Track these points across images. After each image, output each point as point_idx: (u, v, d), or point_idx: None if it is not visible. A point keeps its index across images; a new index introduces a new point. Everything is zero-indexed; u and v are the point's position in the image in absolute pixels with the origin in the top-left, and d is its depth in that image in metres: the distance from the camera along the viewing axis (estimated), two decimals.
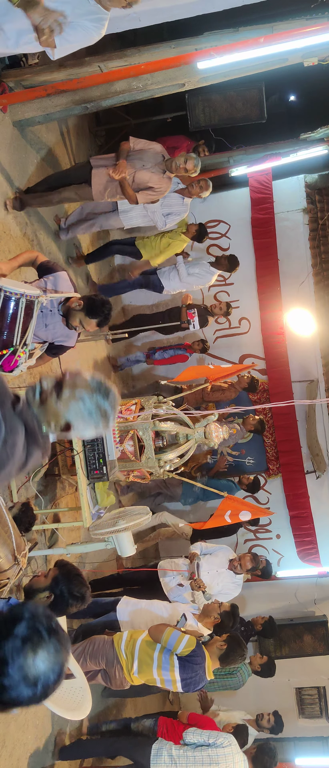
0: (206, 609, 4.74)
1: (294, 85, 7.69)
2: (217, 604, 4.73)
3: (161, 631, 4.17)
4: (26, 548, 2.61)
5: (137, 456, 4.46)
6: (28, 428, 1.88)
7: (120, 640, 4.38)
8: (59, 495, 5.04)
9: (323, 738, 7.73)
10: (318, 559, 7.70)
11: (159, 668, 4.17)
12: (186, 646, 4.08)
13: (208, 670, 4.20)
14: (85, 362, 6.29)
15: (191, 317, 6.54)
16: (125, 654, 4.29)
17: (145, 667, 4.22)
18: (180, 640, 4.10)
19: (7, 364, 3.30)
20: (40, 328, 3.77)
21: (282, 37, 4.55)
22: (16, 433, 1.84)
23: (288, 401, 6.22)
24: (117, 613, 4.81)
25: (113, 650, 4.35)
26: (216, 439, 4.60)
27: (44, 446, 1.94)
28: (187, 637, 4.12)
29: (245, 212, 7.62)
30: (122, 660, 4.30)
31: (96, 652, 4.40)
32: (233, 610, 4.75)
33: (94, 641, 4.49)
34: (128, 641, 4.35)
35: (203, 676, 4.18)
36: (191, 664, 4.10)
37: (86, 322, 3.73)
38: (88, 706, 3.67)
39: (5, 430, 1.80)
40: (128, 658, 4.28)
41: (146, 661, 4.22)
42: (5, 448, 1.81)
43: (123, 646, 4.32)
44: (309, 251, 7.65)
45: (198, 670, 4.13)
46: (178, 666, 4.11)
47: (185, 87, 5.24)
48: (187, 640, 4.10)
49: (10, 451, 1.82)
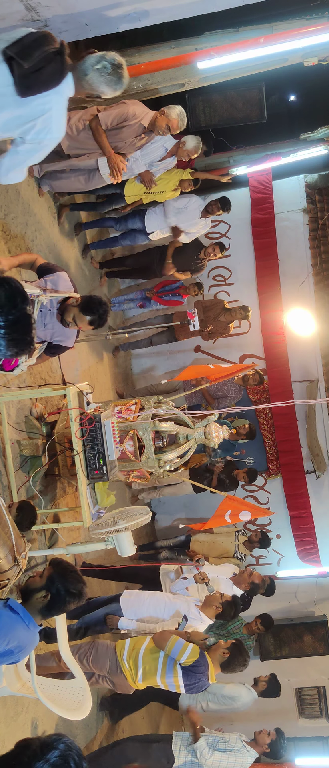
0: (209, 599, 4.83)
1: (294, 85, 7.67)
2: (219, 595, 4.83)
3: (166, 638, 4.21)
4: (26, 549, 2.60)
5: (137, 456, 4.45)
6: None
7: (123, 651, 4.41)
8: (59, 495, 5.04)
9: (323, 738, 7.74)
10: (318, 559, 7.70)
11: (163, 676, 4.25)
12: (190, 657, 4.14)
13: (211, 676, 4.28)
14: (85, 362, 6.29)
15: (191, 317, 6.53)
16: (128, 665, 4.36)
17: (149, 675, 4.31)
18: (184, 649, 4.15)
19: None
20: (39, 328, 3.77)
21: (282, 37, 4.56)
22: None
23: (288, 401, 6.23)
24: (121, 603, 4.83)
25: (116, 660, 4.40)
26: (216, 439, 4.59)
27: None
28: (190, 647, 4.17)
29: (246, 212, 7.62)
30: (126, 671, 4.37)
31: (98, 658, 4.45)
32: (234, 600, 4.83)
33: (96, 645, 4.51)
34: (130, 651, 4.38)
35: (206, 681, 4.25)
36: (194, 673, 4.19)
37: (79, 318, 3.74)
38: (88, 705, 3.68)
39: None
40: (132, 667, 4.35)
41: (150, 670, 4.29)
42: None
43: (126, 657, 4.37)
44: (309, 251, 7.65)
45: (201, 677, 4.22)
46: (181, 674, 4.19)
47: (185, 87, 5.24)
48: (191, 651, 4.15)
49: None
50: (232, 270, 7.81)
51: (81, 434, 4.03)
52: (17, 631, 2.17)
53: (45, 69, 2.64)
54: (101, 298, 3.85)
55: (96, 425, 4.05)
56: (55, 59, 2.70)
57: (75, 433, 4.01)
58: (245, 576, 5.59)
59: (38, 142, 2.80)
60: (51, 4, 3.92)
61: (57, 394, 4.58)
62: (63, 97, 2.83)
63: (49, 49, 2.67)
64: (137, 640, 4.49)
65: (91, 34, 4.37)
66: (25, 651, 2.28)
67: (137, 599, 4.90)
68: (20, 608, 2.26)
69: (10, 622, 2.15)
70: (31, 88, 2.62)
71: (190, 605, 4.80)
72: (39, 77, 2.62)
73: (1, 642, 2.08)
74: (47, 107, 2.72)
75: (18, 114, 2.68)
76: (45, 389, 4.30)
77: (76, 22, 4.18)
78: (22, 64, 2.55)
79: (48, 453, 4.44)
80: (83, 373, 6.13)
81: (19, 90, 2.60)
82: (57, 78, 2.72)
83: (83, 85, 2.91)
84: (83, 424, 4.02)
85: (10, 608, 2.22)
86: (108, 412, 4.20)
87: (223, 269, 7.83)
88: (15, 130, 2.76)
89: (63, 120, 2.89)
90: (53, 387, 4.31)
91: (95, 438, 4.06)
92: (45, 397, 4.67)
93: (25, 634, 2.22)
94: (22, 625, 2.22)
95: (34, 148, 2.82)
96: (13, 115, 2.68)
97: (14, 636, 2.14)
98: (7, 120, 2.68)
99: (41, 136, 2.77)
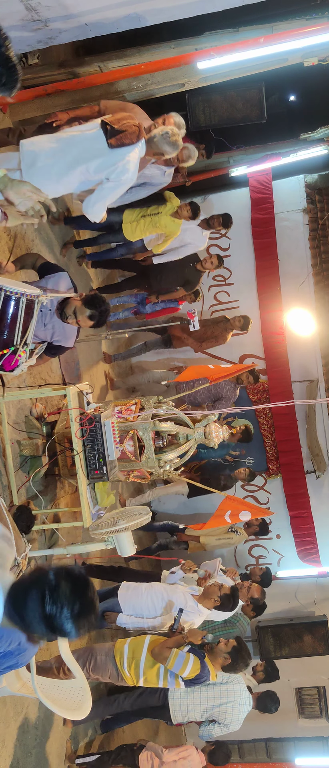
0: (207, 591, 4.79)
1: (294, 85, 7.67)
2: (217, 587, 4.77)
3: (166, 655, 4.19)
4: (26, 549, 2.60)
5: (137, 456, 4.45)
6: None
7: (122, 659, 4.41)
8: (59, 495, 5.04)
9: (323, 738, 7.73)
10: (318, 559, 7.70)
11: (165, 681, 4.32)
12: (192, 671, 4.16)
13: (212, 677, 4.34)
14: (85, 362, 6.29)
15: (191, 317, 6.52)
16: (129, 674, 4.37)
17: (150, 682, 4.36)
18: (186, 664, 4.15)
19: (7, 364, 3.31)
20: (38, 328, 3.78)
21: (282, 37, 4.56)
22: None
23: (288, 401, 6.24)
24: (118, 597, 4.84)
25: (116, 670, 4.42)
26: (216, 439, 4.59)
27: None
28: (192, 661, 4.17)
29: (246, 212, 7.62)
30: (127, 679, 4.40)
31: (98, 668, 4.47)
32: (233, 592, 4.80)
33: (95, 654, 4.52)
34: (130, 660, 4.39)
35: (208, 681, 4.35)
36: (196, 683, 4.29)
37: (80, 311, 3.74)
38: (88, 705, 3.67)
39: None
40: (133, 676, 4.37)
41: (152, 679, 4.32)
42: None
43: (126, 666, 4.38)
44: (309, 251, 7.65)
45: (203, 683, 4.35)
46: (183, 684, 4.27)
47: (185, 87, 5.23)
48: (192, 666, 4.16)
49: None
50: (232, 270, 7.80)
51: (81, 434, 4.03)
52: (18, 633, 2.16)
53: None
54: (105, 299, 3.87)
55: (96, 425, 4.05)
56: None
57: (75, 433, 4.01)
58: (244, 591, 5.51)
59: (118, 181, 3.89)
60: (51, 4, 3.92)
61: (57, 394, 4.58)
62: (137, 154, 3.95)
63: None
64: (135, 645, 4.46)
65: (91, 34, 4.37)
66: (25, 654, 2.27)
67: (134, 593, 4.89)
68: None
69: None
70: (117, 143, 3.81)
71: (187, 597, 4.77)
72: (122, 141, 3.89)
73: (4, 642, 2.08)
74: (126, 155, 3.84)
75: (108, 159, 3.82)
76: (45, 389, 4.30)
77: (77, 22, 4.18)
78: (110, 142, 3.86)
79: (48, 453, 4.44)
80: (83, 373, 6.13)
81: (108, 143, 3.79)
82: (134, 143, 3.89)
83: (152, 146, 4.07)
84: (82, 424, 4.02)
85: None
86: (108, 412, 4.20)
87: (223, 269, 7.81)
88: (103, 171, 3.85)
89: (136, 169, 3.96)
90: (53, 387, 4.31)
91: (95, 438, 4.06)
92: (45, 397, 4.67)
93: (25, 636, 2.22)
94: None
95: (115, 185, 3.93)
96: (104, 160, 3.82)
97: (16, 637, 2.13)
98: (101, 163, 3.83)
99: (120, 176, 3.87)
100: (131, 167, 3.88)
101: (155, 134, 4.04)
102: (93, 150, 3.80)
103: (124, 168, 3.83)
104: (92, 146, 3.80)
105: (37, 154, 3.73)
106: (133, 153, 3.88)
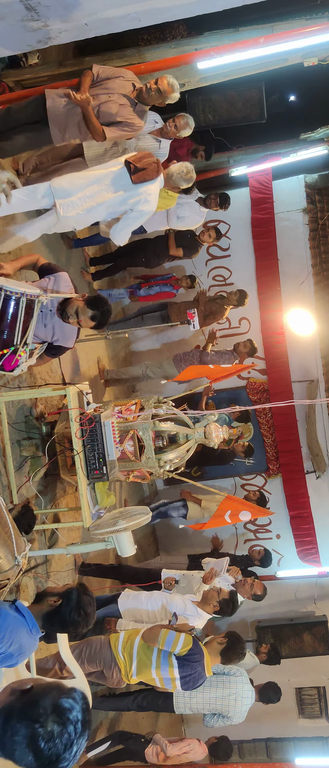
0: (206, 596, 4.81)
1: (294, 85, 7.67)
2: (216, 592, 4.78)
3: (156, 633, 4.19)
4: (26, 549, 2.60)
5: (137, 456, 4.45)
6: None
7: (117, 642, 4.38)
8: (59, 495, 5.04)
9: (323, 738, 7.73)
10: (318, 559, 7.70)
11: (158, 668, 4.22)
12: (184, 646, 4.13)
13: (207, 667, 4.25)
14: (85, 362, 6.29)
15: (191, 317, 6.51)
16: (123, 656, 4.32)
17: (144, 668, 4.27)
18: (177, 640, 4.14)
19: (7, 364, 3.31)
20: (39, 328, 3.78)
21: (282, 37, 4.55)
22: None
23: (288, 401, 6.22)
24: (119, 605, 4.83)
25: (110, 652, 4.37)
26: (216, 439, 4.60)
27: None
28: (183, 636, 4.16)
29: (245, 212, 7.62)
30: (120, 662, 4.33)
31: (94, 656, 4.42)
32: (232, 596, 4.81)
33: (90, 644, 4.49)
34: (125, 642, 4.36)
35: (203, 672, 4.22)
36: (189, 663, 4.16)
37: (82, 311, 3.75)
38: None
39: None
40: (127, 660, 4.31)
41: (145, 662, 4.26)
42: None
43: (120, 648, 4.34)
44: (309, 251, 7.65)
45: (197, 666, 4.19)
46: (177, 665, 4.17)
47: (185, 87, 5.23)
48: (184, 640, 4.14)
49: None
50: (232, 270, 7.81)
51: (81, 434, 4.03)
52: (20, 635, 2.16)
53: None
54: (107, 300, 3.89)
55: (96, 425, 4.05)
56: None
57: (75, 433, 4.02)
58: (246, 588, 5.54)
59: (140, 212, 4.38)
60: (51, 4, 3.91)
61: (57, 394, 4.58)
62: (157, 187, 4.41)
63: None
64: (131, 632, 4.48)
65: (91, 34, 4.36)
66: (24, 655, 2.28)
67: (134, 601, 4.90)
68: (26, 611, 2.26)
69: (14, 623, 2.15)
70: (139, 180, 4.25)
71: (187, 603, 4.79)
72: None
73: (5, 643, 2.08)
74: (147, 189, 4.28)
75: (132, 193, 4.29)
76: (45, 389, 4.30)
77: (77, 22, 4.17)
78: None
79: (48, 453, 4.44)
80: (83, 373, 6.13)
81: (132, 179, 4.23)
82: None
83: (169, 181, 4.56)
84: (82, 424, 4.03)
85: (16, 609, 2.22)
86: (108, 412, 4.20)
87: (223, 269, 7.83)
88: (128, 203, 4.33)
89: (156, 200, 4.42)
90: (53, 387, 4.31)
91: (94, 438, 4.06)
92: (45, 397, 4.67)
93: (26, 638, 2.22)
94: (26, 629, 2.22)
95: (138, 215, 4.42)
96: (128, 194, 4.29)
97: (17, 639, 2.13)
98: (125, 197, 4.30)
99: (142, 207, 4.34)
100: (152, 199, 4.39)
101: (172, 172, 4.53)
102: (119, 185, 4.28)
103: (145, 200, 4.31)
104: (117, 182, 4.27)
105: (69, 192, 4.19)
106: (153, 186, 4.35)
